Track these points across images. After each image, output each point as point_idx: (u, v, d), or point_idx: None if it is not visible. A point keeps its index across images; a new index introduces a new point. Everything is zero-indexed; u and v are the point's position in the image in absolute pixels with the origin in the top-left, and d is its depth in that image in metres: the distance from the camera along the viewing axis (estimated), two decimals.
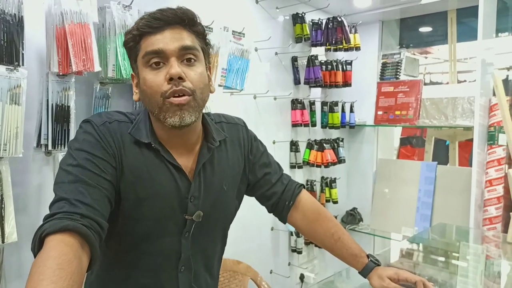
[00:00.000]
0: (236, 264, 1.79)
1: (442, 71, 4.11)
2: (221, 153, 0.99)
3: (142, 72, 0.84)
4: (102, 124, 0.84)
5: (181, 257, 0.92)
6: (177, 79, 0.81)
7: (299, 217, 1.11)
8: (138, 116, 0.91)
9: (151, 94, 0.83)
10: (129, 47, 0.86)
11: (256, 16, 2.05)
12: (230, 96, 1.88)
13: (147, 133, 0.87)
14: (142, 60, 0.83)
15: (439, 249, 1.83)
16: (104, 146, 0.82)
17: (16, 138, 1.14)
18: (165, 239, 0.89)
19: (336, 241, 1.08)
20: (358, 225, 2.65)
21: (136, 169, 0.85)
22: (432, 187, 2.40)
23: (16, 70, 1.13)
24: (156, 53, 0.82)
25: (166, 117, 0.83)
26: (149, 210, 0.86)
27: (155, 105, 0.83)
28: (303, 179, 2.41)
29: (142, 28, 0.83)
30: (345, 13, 2.33)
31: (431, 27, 2.79)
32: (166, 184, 0.88)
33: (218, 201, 0.96)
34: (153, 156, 0.87)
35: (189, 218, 0.90)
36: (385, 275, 1.03)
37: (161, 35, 0.82)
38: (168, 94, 0.81)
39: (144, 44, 0.83)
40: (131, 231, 0.87)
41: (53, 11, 1.21)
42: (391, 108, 2.53)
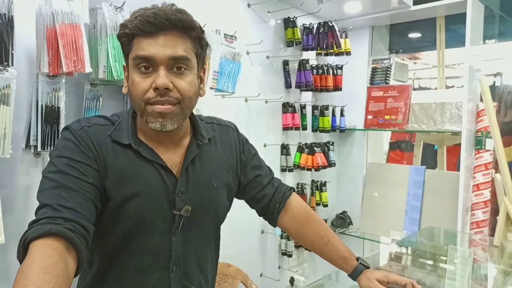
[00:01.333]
0: (226, 267, 1.78)
1: (431, 76, 4.17)
2: (211, 150, 0.99)
3: (132, 72, 0.84)
4: (80, 129, 0.85)
5: (172, 256, 0.91)
6: (162, 90, 0.81)
7: (289, 219, 1.11)
8: (121, 117, 0.91)
9: (135, 97, 0.84)
10: (122, 41, 0.86)
11: (248, 20, 2.06)
12: (222, 99, 1.88)
13: (129, 134, 0.88)
14: (132, 61, 0.83)
15: (427, 252, 1.85)
16: (83, 150, 0.82)
17: (4, 139, 1.13)
18: (154, 237, 0.89)
19: (326, 244, 1.09)
20: (347, 228, 2.66)
21: (120, 168, 0.85)
22: (420, 190, 2.43)
23: (6, 70, 1.11)
24: (146, 59, 0.81)
25: (147, 121, 0.84)
26: (136, 208, 0.86)
27: (137, 107, 0.85)
28: (293, 182, 2.42)
29: (134, 30, 0.81)
30: (336, 18, 2.35)
31: (420, 33, 2.83)
32: (152, 181, 0.87)
33: (207, 196, 0.95)
34: (135, 155, 0.88)
35: (177, 213, 0.89)
36: (373, 277, 1.04)
37: (153, 40, 0.81)
38: (152, 102, 0.82)
39: (136, 45, 0.82)
40: (120, 231, 0.86)
41: (44, 11, 1.20)
42: (381, 112, 2.55)
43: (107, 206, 0.84)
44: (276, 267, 2.35)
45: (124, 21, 0.85)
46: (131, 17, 0.84)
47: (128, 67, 0.86)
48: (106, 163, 0.84)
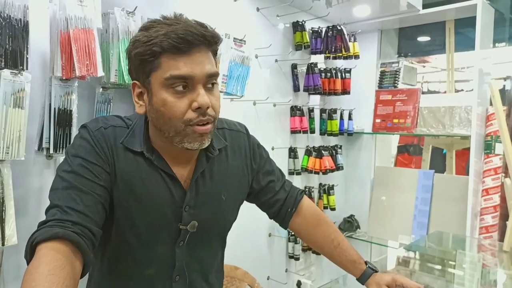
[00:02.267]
0: (234, 270, 1.79)
1: (440, 80, 4.14)
2: (221, 161, 0.96)
3: (161, 93, 0.79)
4: (97, 130, 0.84)
5: (176, 266, 0.90)
6: (206, 109, 0.79)
7: (300, 222, 1.11)
8: (134, 122, 0.89)
9: (170, 118, 0.79)
10: (143, 59, 0.79)
11: (257, 24, 2.07)
12: (230, 102, 1.89)
13: (141, 142, 0.86)
14: (163, 81, 0.78)
15: (435, 257, 1.84)
16: (98, 152, 0.82)
17: (19, 141, 1.15)
18: (158, 248, 0.88)
19: (336, 247, 1.09)
20: (355, 232, 2.66)
21: (128, 175, 0.84)
22: (429, 195, 2.42)
23: (20, 74, 1.14)
24: (183, 78, 0.77)
25: (184, 141, 0.81)
26: (141, 217, 0.84)
27: (172, 129, 0.80)
28: (301, 186, 2.42)
29: (167, 47, 0.76)
30: (345, 22, 2.35)
31: (429, 37, 2.82)
32: (159, 192, 0.86)
33: (216, 211, 0.94)
34: (146, 163, 0.86)
35: (184, 228, 0.88)
36: (382, 282, 1.04)
37: (188, 57, 0.77)
38: (194, 123, 0.79)
39: (167, 63, 0.77)
40: (125, 239, 0.85)
41: (57, 17, 1.22)
42: (389, 116, 2.55)
43: (113, 212, 0.84)
44: (283, 270, 2.35)
45: (141, 37, 0.78)
46: (148, 31, 0.78)
47: (150, 86, 0.80)
48: (116, 168, 0.83)
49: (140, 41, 0.78)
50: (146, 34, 0.78)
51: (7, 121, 1.12)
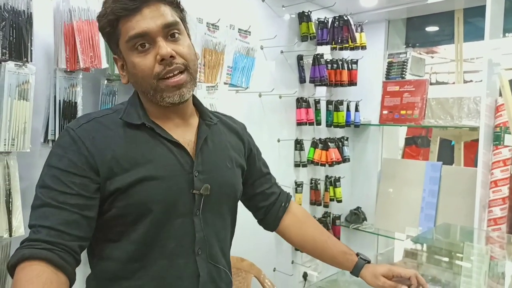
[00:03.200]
0: (240, 261, 1.80)
1: (448, 71, 4.09)
2: (220, 133, 0.98)
3: (129, 56, 0.82)
4: (78, 127, 0.82)
5: (196, 238, 0.88)
6: (168, 59, 0.80)
7: (291, 218, 1.12)
8: (126, 104, 0.90)
9: (143, 78, 0.82)
10: (106, 32, 0.83)
11: (262, 15, 2.05)
12: (236, 94, 1.88)
13: (139, 115, 0.86)
14: (126, 45, 0.81)
15: (443, 249, 1.83)
16: (76, 152, 0.79)
17: (24, 133, 1.16)
18: (176, 221, 0.86)
19: (327, 239, 1.09)
20: (362, 224, 2.65)
21: (133, 153, 0.83)
22: (436, 187, 2.39)
23: (25, 66, 1.14)
24: (141, 35, 0.80)
25: (163, 97, 0.83)
26: (154, 193, 0.83)
27: (148, 87, 0.83)
28: (307, 178, 2.42)
29: (119, 12, 0.79)
30: (351, 12, 2.32)
31: (438, 27, 2.77)
32: (167, 163, 0.85)
33: (224, 176, 0.94)
34: (148, 137, 0.85)
35: (197, 193, 0.87)
36: (379, 274, 1.02)
37: (140, 15, 0.79)
38: (162, 75, 0.81)
39: (124, 27, 0.80)
40: (140, 219, 0.83)
41: (61, 8, 1.22)
42: (397, 107, 2.52)
43: (126, 196, 0.81)
44: (289, 262, 2.35)
45: (99, 13, 0.83)
46: (105, 6, 0.81)
47: (122, 55, 0.84)
48: (115, 153, 0.81)
49: (100, 15, 0.83)
50: (104, 7, 0.82)
51: (12, 113, 1.12)
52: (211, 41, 1.65)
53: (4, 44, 1.10)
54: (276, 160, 2.20)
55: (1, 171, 1.15)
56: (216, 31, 1.67)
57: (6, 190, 1.16)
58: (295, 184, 2.31)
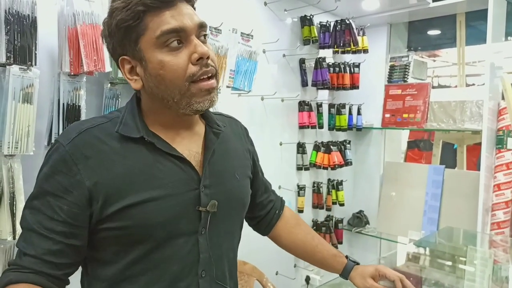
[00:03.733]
0: (242, 264, 1.79)
1: (451, 74, 4.09)
2: (227, 141, 0.91)
3: (156, 55, 0.73)
4: (69, 143, 0.74)
5: (200, 259, 0.80)
6: (206, 59, 0.74)
7: (282, 223, 1.11)
8: (124, 110, 0.81)
9: (172, 80, 0.73)
10: (126, 26, 0.73)
11: (264, 18, 2.06)
12: (238, 97, 1.89)
13: (138, 126, 0.77)
14: (155, 41, 0.72)
15: (446, 253, 1.82)
16: (71, 174, 0.72)
17: (28, 136, 1.16)
18: (178, 241, 0.78)
19: (317, 243, 1.09)
20: (364, 228, 2.64)
21: (128, 176, 0.75)
22: (439, 190, 2.39)
23: (29, 69, 1.15)
24: (176, 31, 0.72)
25: (192, 103, 0.75)
26: (154, 215, 0.75)
27: (177, 91, 0.74)
28: (309, 181, 2.41)
29: (152, 3, 0.71)
30: (353, 16, 2.33)
31: (440, 30, 2.78)
32: (169, 180, 0.77)
33: (233, 190, 0.87)
34: (147, 152, 0.77)
35: (203, 210, 0.79)
36: (367, 275, 1.01)
37: (175, 10, 0.73)
38: (198, 77, 0.74)
39: (154, 22, 0.72)
40: (138, 241, 0.76)
41: (65, 12, 1.23)
42: (399, 111, 2.52)
43: (115, 220, 0.74)
44: (292, 266, 2.35)
45: (118, 4, 0.73)
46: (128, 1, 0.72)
47: (140, 54, 0.75)
48: (111, 174, 0.74)
49: (118, 8, 0.73)
50: (124, 2, 0.73)
51: (16, 116, 1.13)
52: (214, 44, 1.66)
53: (9, 48, 1.10)
54: (278, 163, 2.20)
55: (5, 174, 1.16)
56: (218, 34, 1.67)
57: (10, 193, 1.16)
58: (297, 187, 2.31)
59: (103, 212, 0.74)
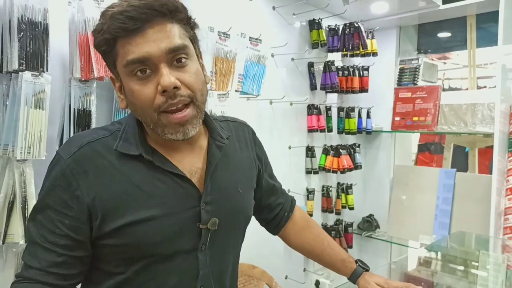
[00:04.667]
0: (251, 268, 1.79)
1: (461, 76, 4.05)
2: (231, 152, 0.89)
3: (127, 82, 0.72)
4: (70, 157, 0.73)
5: (199, 275, 0.80)
6: (172, 90, 0.69)
7: (291, 225, 1.09)
8: (125, 123, 0.79)
9: (142, 108, 0.72)
10: (102, 51, 0.73)
11: (272, 23, 2.06)
12: (247, 101, 1.89)
13: (137, 143, 0.76)
14: (124, 69, 0.71)
15: (458, 257, 1.79)
16: (71, 189, 0.72)
17: (40, 142, 1.18)
18: (178, 257, 0.78)
19: (326, 246, 1.07)
20: (374, 232, 2.62)
21: (127, 194, 0.74)
22: (450, 194, 2.36)
23: (41, 76, 1.17)
24: (140, 61, 0.69)
25: (165, 132, 0.73)
26: (152, 234, 0.74)
27: (149, 119, 0.73)
28: (319, 185, 2.41)
29: (116, 32, 0.68)
30: (362, 19, 2.32)
31: (450, 33, 2.76)
32: (168, 199, 0.76)
33: (235, 205, 0.86)
34: (146, 170, 0.76)
35: (204, 228, 0.79)
36: (372, 280, 1.00)
37: (141, 37, 0.68)
38: (164, 108, 0.71)
39: (122, 50, 0.70)
40: (138, 257, 0.76)
41: (76, 19, 1.25)
42: (409, 114, 2.50)
43: (113, 237, 0.74)
44: (301, 270, 2.34)
45: (95, 27, 0.72)
46: (101, 20, 0.70)
47: (119, 77, 0.74)
48: (110, 191, 0.73)
49: (95, 31, 0.72)
50: (101, 22, 0.71)
51: (28, 121, 1.15)
52: (222, 49, 1.67)
53: (22, 55, 1.13)
54: (287, 167, 2.20)
55: (17, 178, 1.18)
56: (227, 39, 1.68)
57: (22, 197, 1.18)
58: (306, 191, 2.30)
59: (101, 229, 0.74)
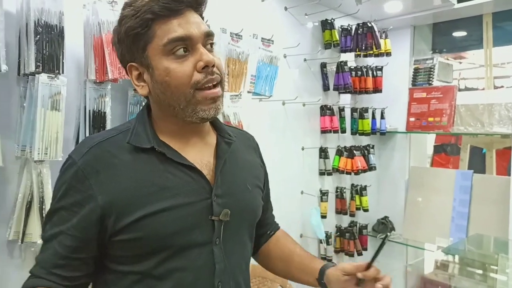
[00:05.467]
0: (265, 270, 1.78)
1: (478, 76, 3.97)
2: (238, 151, 0.90)
3: (162, 62, 0.75)
4: (81, 158, 0.76)
5: (216, 270, 0.79)
6: (211, 67, 0.75)
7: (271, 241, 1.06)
8: (134, 122, 0.83)
9: (177, 86, 0.75)
10: (134, 33, 0.75)
11: (285, 23, 2.06)
12: (259, 102, 1.89)
13: (149, 137, 0.78)
14: (162, 49, 0.74)
15: (476, 261, 1.76)
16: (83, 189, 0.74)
17: (56, 143, 1.20)
18: (193, 251, 0.78)
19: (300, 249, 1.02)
20: (390, 234, 2.58)
21: (139, 189, 0.75)
22: (468, 196, 2.32)
23: (57, 78, 1.19)
24: (183, 39, 0.74)
25: (197, 110, 0.76)
26: (165, 226, 0.75)
27: (182, 97, 0.75)
28: (332, 186, 2.39)
29: (160, 11, 0.73)
30: (376, 19, 2.30)
31: (466, 32, 2.71)
32: (180, 190, 0.77)
33: (244, 200, 0.87)
34: (158, 162, 0.78)
35: (216, 219, 0.79)
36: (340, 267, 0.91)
37: (182, 18, 0.75)
38: (202, 84, 0.75)
39: (161, 30, 0.74)
40: (153, 250, 0.76)
41: (91, 22, 1.27)
42: (424, 114, 2.47)
43: (127, 233, 0.75)
44: None
45: (128, 11, 0.75)
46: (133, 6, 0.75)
47: (147, 61, 0.77)
48: (122, 187, 0.75)
49: (127, 16, 0.76)
50: (133, 7, 0.75)
51: (45, 123, 1.17)
52: (235, 50, 1.67)
53: (38, 58, 1.15)
54: (300, 168, 2.18)
55: (35, 179, 1.20)
56: (239, 40, 1.69)
57: (40, 197, 1.20)
58: (320, 193, 2.29)
59: (116, 226, 0.75)
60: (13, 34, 1.17)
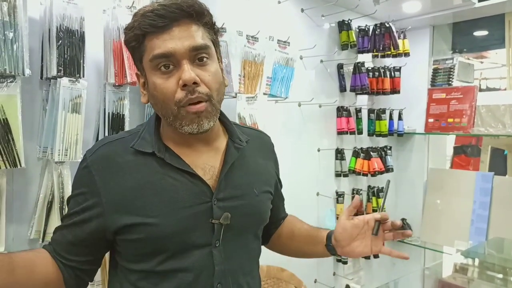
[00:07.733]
0: (280, 271, 1.79)
1: (500, 76, 3.87)
2: (249, 155, 0.91)
3: (151, 76, 0.78)
4: (91, 155, 0.82)
5: (215, 272, 0.81)
6: (191, 85, 0.74)
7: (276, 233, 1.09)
8: (144, 125, 0.86)
9: (163, 101, 0.77)
10: (131, 46, 0.79)
11: (301, 25, 2.06)
12: (275, 104, 1.90)
13: (153, 142, 0.81)
14: (149, 63, 0.77)
15: (496, 265, 1.72)
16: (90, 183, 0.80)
17: (76, 144, 1.23)
18: (193, 253, 0.80)
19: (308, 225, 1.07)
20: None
21: (137, 190, 0.78)
22: (488, 199, 2.27)
23: (78, 81, 1.22)
24: (165, 56, 0.75)
25: (182, 125, 0.77)
26: (166, 225, 0.78)
27: (169, 112, 0.78)
28: (348, 188, 2.37)
29: (145, 28, 0.75)
30: (394, 19, 2.28)
31: (487, 31, 2.65)
32: (180, 192, 0.79)
33: (250, 205, 0.87)
34: (158, 166, 0.80)
35: (216, 222, 0.80)
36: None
37: (168, 34, 0.74)
38: (184, 103, 0.75)
39: (150, 45, 0.76)
40: (154, 251, 0.79)
41: (110, 27, 1.30)
42: (443, 115, 2.42)
43: (126, 233, 0.78)
44: (331, 274, 2.31)
45: (126, 25, 0.79)
46: (134, 19, 0.77)
47: (144, 73, 0.80)
48: (121, 187, 0.78)
49: (127, 28, 0.79)
50: (133, 20, 0.78)
51: (65, 125, 1.20)
52: (251, 52, 1.68)
53: (60, 62, 1.18)
54: (316, 170, 2.18)
55: (55, 179, 1.23)
56: (255, 43, 1.70)
57: (60, 197, 1.23)
58: (336, 194, 2.27)
59: (116, 223, 0.79)
60: (37, 39, 1.20)
